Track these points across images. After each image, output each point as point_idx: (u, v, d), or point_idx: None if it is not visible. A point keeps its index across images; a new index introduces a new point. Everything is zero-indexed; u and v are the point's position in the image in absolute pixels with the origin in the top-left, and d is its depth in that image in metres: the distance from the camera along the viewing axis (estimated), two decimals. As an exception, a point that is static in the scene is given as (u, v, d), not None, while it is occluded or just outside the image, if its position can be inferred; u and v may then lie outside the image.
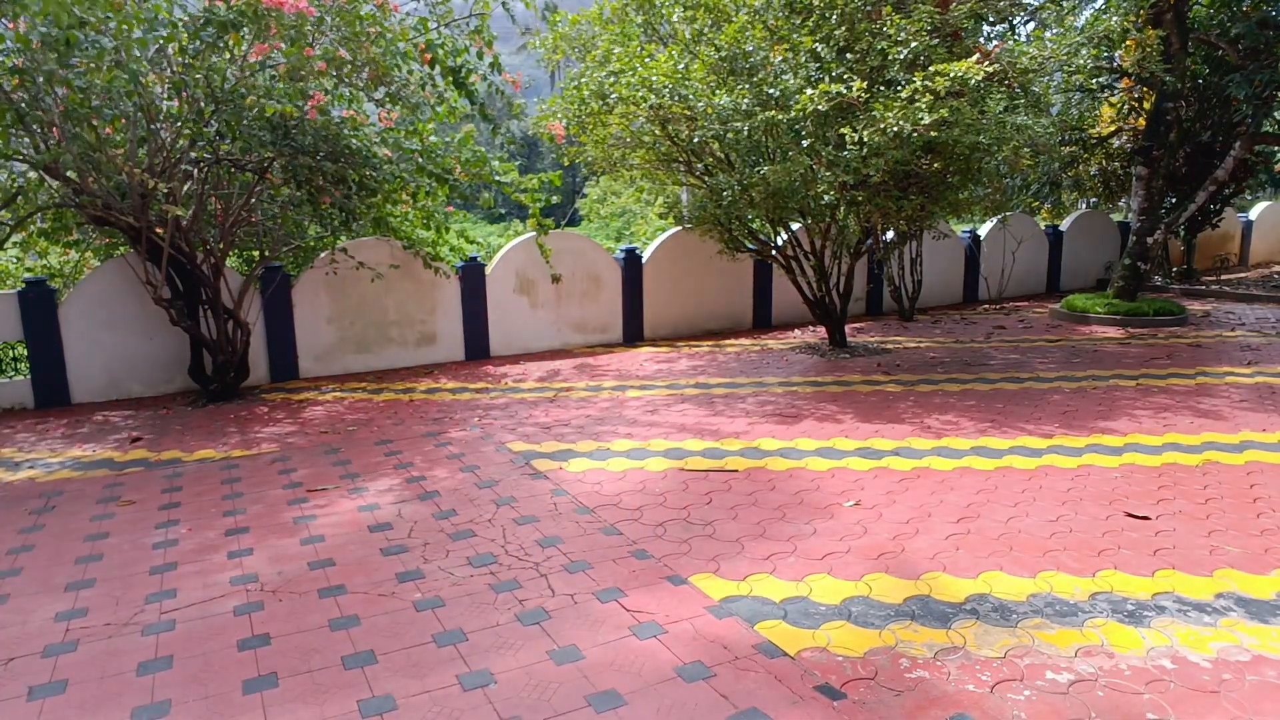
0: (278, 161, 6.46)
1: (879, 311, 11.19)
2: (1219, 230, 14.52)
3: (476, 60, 6.79)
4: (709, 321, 10.11)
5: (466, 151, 6.97)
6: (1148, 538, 3.92)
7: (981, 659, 2.92)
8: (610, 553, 3.88)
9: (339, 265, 7.92)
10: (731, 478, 4.88)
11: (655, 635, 3.12)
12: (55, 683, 2.91)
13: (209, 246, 7.01)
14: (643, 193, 15.09)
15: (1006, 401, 6.45)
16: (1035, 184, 13.30)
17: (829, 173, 6.56)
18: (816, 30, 6.87)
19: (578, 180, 28.76)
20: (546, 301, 9.15)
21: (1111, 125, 12.79)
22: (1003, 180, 8.35)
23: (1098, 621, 3.16)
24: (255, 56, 6.15)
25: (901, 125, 5.98)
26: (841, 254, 8.65)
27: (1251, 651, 2.93)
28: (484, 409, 6.69)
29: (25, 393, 7.07)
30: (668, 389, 7.19)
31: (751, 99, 6.65)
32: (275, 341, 7.88)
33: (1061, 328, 9.83)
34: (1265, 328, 9.54)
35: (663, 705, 2.69)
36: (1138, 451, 5.19)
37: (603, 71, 7.44)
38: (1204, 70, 11.00)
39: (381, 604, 3.43)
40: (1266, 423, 5.75)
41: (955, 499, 4.45)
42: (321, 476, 5.08)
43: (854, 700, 2.70)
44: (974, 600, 3.34)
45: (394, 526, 4.26)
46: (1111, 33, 8.88)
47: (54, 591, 3.62)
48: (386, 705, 2.73)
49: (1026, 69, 6.97)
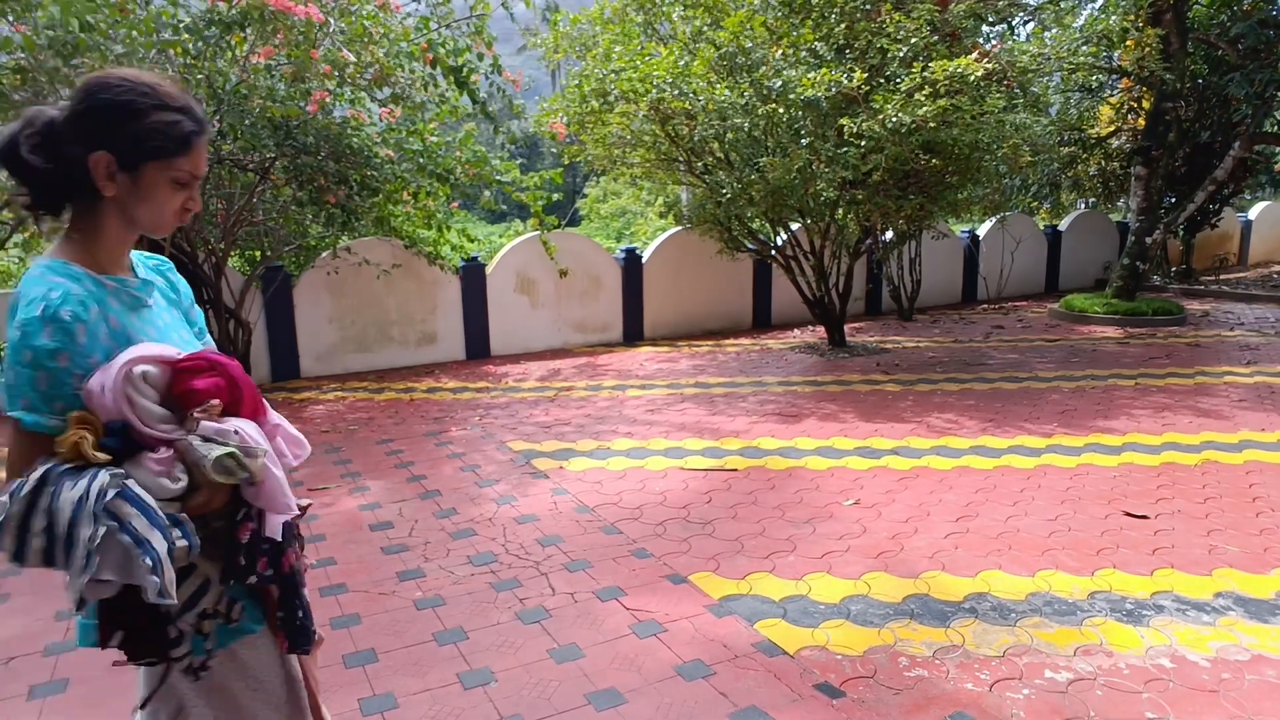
0: (280, 161, 6.46)
1: (878, 311, 11.20)
2: (1218, 230, 14.52)
3: (477, 61, 6.80)
4: (709, 321, 10.12)
5: (467, 151, 6.98)
6: (1147, 537, 3.93)
7: (980, 658, 2.93)
8: (610, 551, 3.89)
9: (340, 265, 7.93)
10: (731, 477, 4.89)
11: (655, 634, 3.13)
12: (56, 681, 2.92)
13: (210, 246, 7.02)
14: (643, 191, 15.10)
15: (1005, 401, 6.46)
16: (1034, 184, 13.31)
17: (828, 169, 6.57)
18: (816, 29, 6.88)
19: (578, 180, 28.77)
20: (547, 301, 9.15)
21: (1110, 125, 12.80)
22: (1002, 180, 8.35)
23: (1096, 620, 3.16)
24: (260, 58, 6.15)
25: (900, 118, 5.98)
26: (841, 254, 8.65)
27: (1251, 651, 2.94)
28: (485, 408, 6.70)
29: (26, 392, 7.06)
30: (668, 388, 7.20)
31: (752, 94, 6.66)
32: (277, 341, 7.88)
33: (1060, 327, 9.84)
34: (1264, 327, 9.55)
35: (662, 703, 2.70)
36: (1136, 451, 5.19)
37: (603, 69, 7.45)
38: (1203, 70, 11.01)
39: (382, 602, 3.44)
40: (1266, 422, 5.76)
41: (954, 498, 4.46)
42: (322, 475, 5.09)
43: (853, 699, 2.70)
44: (973, 599, 3.35)
45: (395, 525, 4.27)
46: (1111, 32, 8.89)
47: (54, 590, 3.63)
48: (387, 703, 2.73)
49: (1026, 68, 6.99)
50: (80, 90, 1.36)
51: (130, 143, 1.36)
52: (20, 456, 1.30)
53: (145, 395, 1.31)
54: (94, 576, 1.22)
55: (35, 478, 1.24)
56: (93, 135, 1.35)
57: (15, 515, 1.23)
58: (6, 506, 1.24)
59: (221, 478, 1.31)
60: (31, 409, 1.29)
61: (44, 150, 1.35)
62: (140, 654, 1.38)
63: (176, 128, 1.39)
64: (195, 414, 1.33)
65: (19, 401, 1.29)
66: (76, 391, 1.31)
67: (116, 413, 1.30)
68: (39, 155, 1.35)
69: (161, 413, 1.33)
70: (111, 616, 1.35)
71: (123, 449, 1.30)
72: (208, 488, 1.34)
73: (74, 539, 1.22)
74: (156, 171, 1.39)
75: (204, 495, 1.34)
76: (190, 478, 1.32)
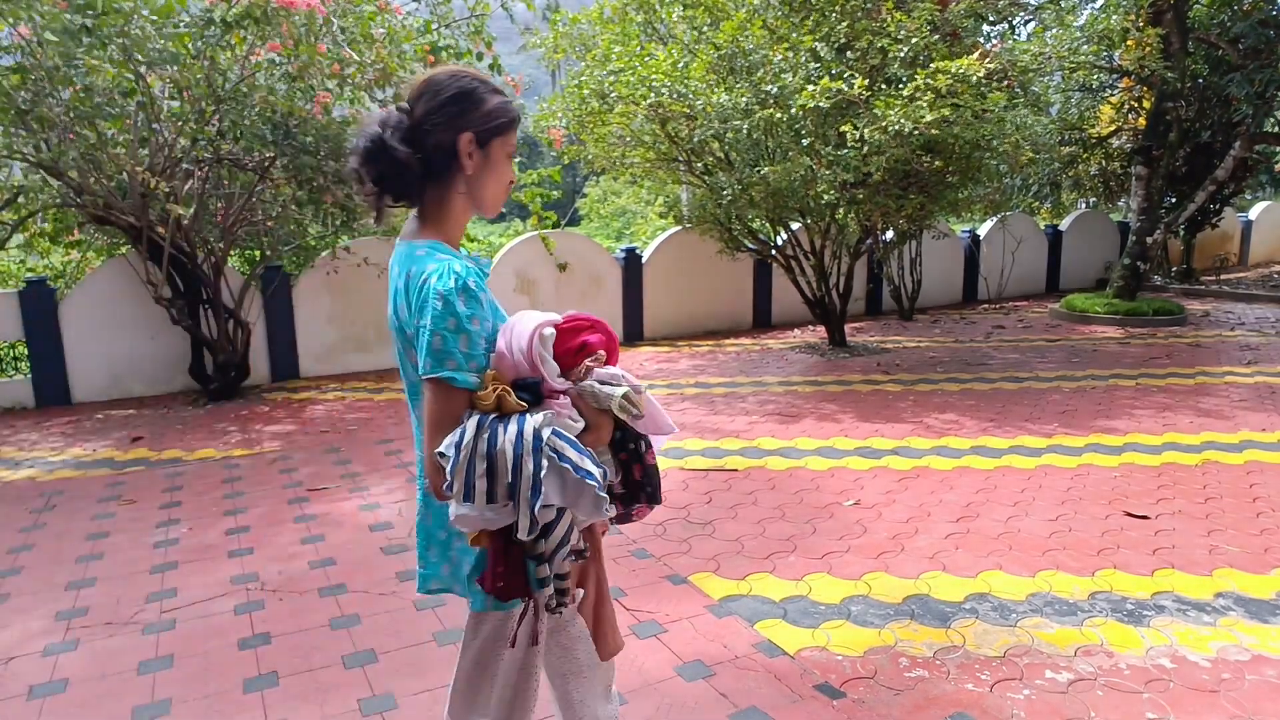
0: (280, 161, 6.46)
1: (879, 311, 11.19)
2: (1218, 230, 14.51)
3: (476, 61, 6.81)
4: (709, 321, 10.12)
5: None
6: (1147, 537, 3.93)
7: (981, 658, 2.93)
8: (610, 551, 3.89)
9: (340, 265, 7.93)
10: (731, 477, 4.89)
11: (655, 634, 3.13)
12: (55, 681, 2.91)
13: (210, 246, 7.02)
14: (642, 191, 15.08)
15: (1006, 401, 6.45)
16: (1035, 184, 13.30)
17: (829, 172, 6.56)
18: (816, 29, 6.87)
19: (578, 180, 28.75)
20: (547, 301, 9.14)
21: (1111, 125, 12.79)
22: (1002, 179, 8.35)
23: (1097, 621, 3.16)
24: (262, 55, 6.15)
25: (903, 123, 5.98)
26: (841, 254, 8.65)
27: (1251, 651, 2.94)
28: (484, 408, 6.69)
29: (26, 392, 7.07)
30: (668, 388, 7.19)
31: (750, 97, 6.65)
32: (276, 341, 7.88)
33: (1061, 327, 9.84)
34: (1265, 327, 9.55)
35: (662, 704, 2.69)
36: (1137, 451, 5.19)
37: (603, 70, 7.45)
38: (1204, 70, 11.00)
39: (382, 603, 3.44)
40: (1266, 422, 5.75)
41: (954, 498, 4.46)
42: (322, 475, 5.09)
43: (853, 699, 2.70)
44: (973, 599, 3.35)
45: (395, 525, 4.27)
46: (1111, 32, 8.88)
47: (54, 590, 3.63)
48: (387, 704, 2.73)
49: (1026, 67, 6.98)
50: (426, 87, 1.58)
51: (482, 122, 1.58)
52: (447, 414, 1.49)
53: (548, 353, 1.53)
54: (543, 503, 1.43)
55: (473, 426, 1.45)
56: (456, 119, 1.56)
57: (463, 462, 1.43)
58: (453, 456, 1.43)
59: (621, 414, 1.55)
60: (459, 369, 1.48)
61: (411, 141, 1.55)
62: (511, 593, 1.57)
63: (509, 107, 1.63)
64: (589, 363, 1.56)
65: (446, 364, 1.47)
66: (485, 352, 1.52)
67: (524, 370, 1.52)
68: (407, 146, 1.54)
69: (556, 367, 1.55)
70: (500, 559, 1.54)
71: (532, 400, 1.52)
72: (595, 428, 1.57)
73: (518, 474, 1.42)
74: (499, 147, 1.61)
75: (593, 434, 1.57)
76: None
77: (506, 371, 1.52)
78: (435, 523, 1.71)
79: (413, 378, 1.58)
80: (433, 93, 1.57)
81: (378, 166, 1.55)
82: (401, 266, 1.56)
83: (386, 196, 1.59)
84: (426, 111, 1.56)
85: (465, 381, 1.49)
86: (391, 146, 1.53)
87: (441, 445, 1.46)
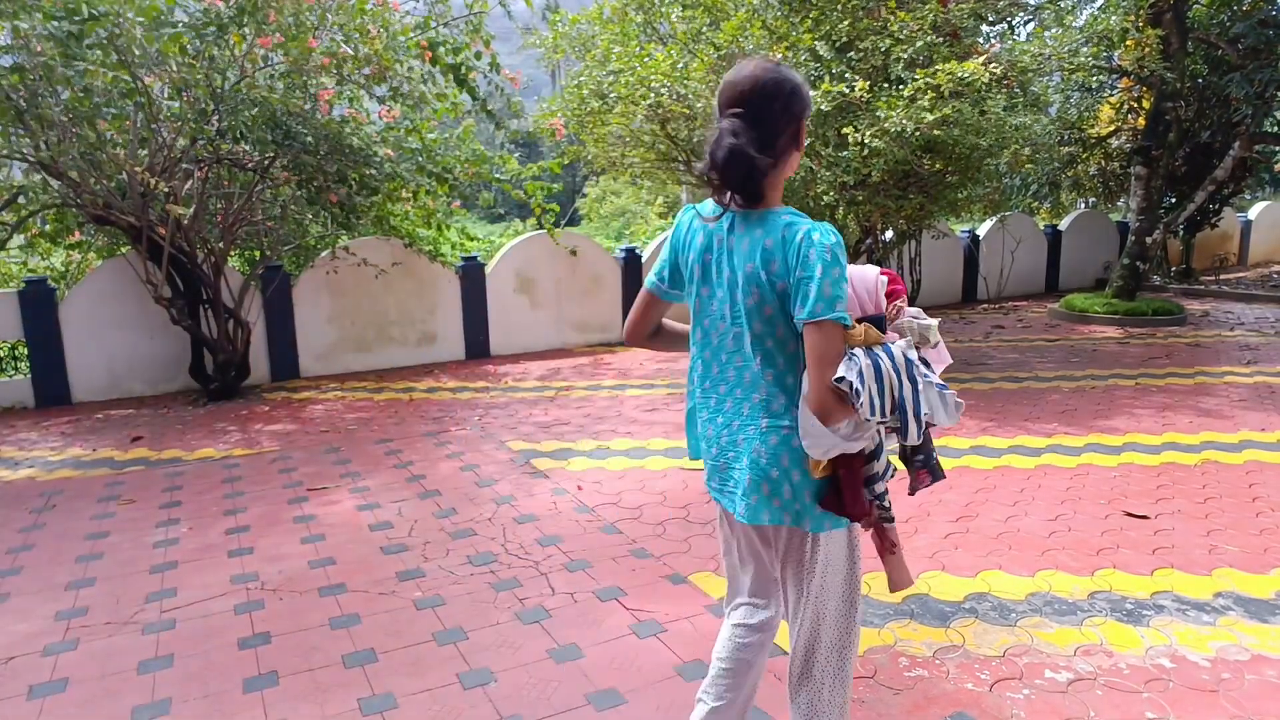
0: (280, 160, 6.45)
1: (878, 311, 11.17)
2: (1218, 230, 14.51)
3: (475, 60, 6.80)
4: (709, 321, 10.09)
5: (466, 150, 6.98)
6: (1147, 537, 3.93)
7: (980, 658, 2.93)
8: (610, 551, 3.89)
9: (340, 264, 7.93)
10: (731, 477, 4.88)
11: (655, 634, 3.13)
12: (55, 681, 2.92)
13: (210, 246, 7.01)
14: (643, 191, 15.10)
15: (1005, 400, 6.45)
16: (1034, 184, 13.30)
17: (828, 173, 6.56)
18: (816, 28, 6.87)
19: (578, 180, 28.76)
20: (547, 301, 9.15)
21: (1110, 125, 12.79)
22: (1002, 179, 8.35)
23: (1097, 620, 3.16)
24: (259, 54, 6.14)
25: (904, 124, 5.98)
26: (841, 254, 8.63)
27: (1250, 651, 2.94)
28: (484, 408, 6.70)
29: (26, 392, 7.07)
30: (668, 388, 7.19)
31: None
32: (276, 341, 7.88)
33: (1060, 327, 9.84)
34: (1264, 327, 9.55)
35: (663, 703, 2.69)
36: (1137, 451, 5.19)
37: (602, 70, 7.45)
38: (1203, 70, 11.01)
39: (382, 602, 3.44)
40: (1265, 422, 5.76)
41: (954, 498, 4.46)
42: (322, 475, 5.09)
43: (853, 699, 2.70)
44: (973, 599, 3.35)
45: (394, 525, 4.27)
46: (1111, 32, 8.88)
47: (54, 590, 3.63)
48: (387, 703, 2.73)
49: (1026, 68, 6.98)
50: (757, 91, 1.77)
51: (806, 108, 1.83)
52: (837, 349, 1.71)
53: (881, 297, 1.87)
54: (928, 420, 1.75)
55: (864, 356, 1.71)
56: (800, 110, 1.82)
57: (870, 383, 1.68)
58: (859, 384, 1.67)
59: (934, 340, 1.86)
60: (846, 311, 1.72)
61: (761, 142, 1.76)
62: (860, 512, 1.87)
63: (809, 94, 1.85)
64: (899, 304, 1.88)
65: (837, 306, 1.69)
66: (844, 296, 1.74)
67: (870, 310, 1.85)
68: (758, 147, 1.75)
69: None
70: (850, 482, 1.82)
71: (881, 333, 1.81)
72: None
73: (902, 390, 1.72)
74: (804, 131, 1.86)
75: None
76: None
77: (852, 312, 1.81)
78: (792, 461, 1.84)
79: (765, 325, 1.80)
80: (768, 95, 1.77)
81: (738, 172, 1.75)
82: (765, 230, 1.78)
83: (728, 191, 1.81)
84: (772, 114, 1.78)
85: (848, 320, 1.73)
86: (752, 156, 1.74)
87: (840, 373, 1.68)
